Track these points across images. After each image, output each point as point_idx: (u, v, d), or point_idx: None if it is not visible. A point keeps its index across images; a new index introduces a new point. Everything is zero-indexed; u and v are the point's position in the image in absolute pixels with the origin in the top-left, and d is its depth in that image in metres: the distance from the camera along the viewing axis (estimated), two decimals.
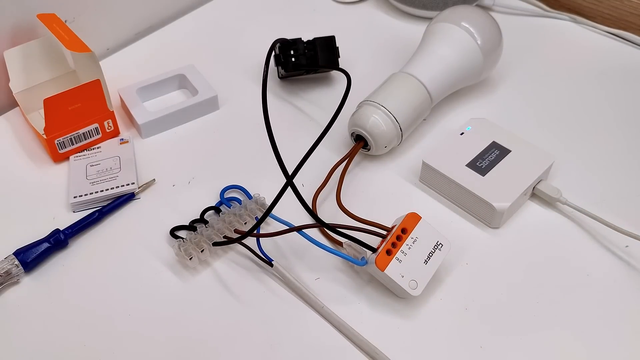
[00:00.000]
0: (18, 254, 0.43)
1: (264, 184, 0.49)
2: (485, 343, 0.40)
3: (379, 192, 0.49)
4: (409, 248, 0.41)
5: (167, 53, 0.63)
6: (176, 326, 0.41)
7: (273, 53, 0.55)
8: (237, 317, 0.41)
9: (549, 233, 0.46)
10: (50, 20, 0.52)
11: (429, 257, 0.41)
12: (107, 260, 0.45)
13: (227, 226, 0.45)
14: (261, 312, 0.41)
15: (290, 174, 0.40)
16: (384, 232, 0.42)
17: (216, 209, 0.47)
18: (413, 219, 0.42)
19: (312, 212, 0.40)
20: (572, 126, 0.55)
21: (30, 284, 0.43)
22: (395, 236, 0.41)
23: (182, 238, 0.44)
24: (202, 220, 0.46)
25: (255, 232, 0.42)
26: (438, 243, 0.42)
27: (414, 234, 0.41)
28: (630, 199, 0.49)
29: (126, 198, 0.48)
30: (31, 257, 0.43)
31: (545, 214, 0.48)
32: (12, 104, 0.56)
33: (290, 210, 0.45)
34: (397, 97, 0.50)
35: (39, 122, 0.53)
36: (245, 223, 0.46)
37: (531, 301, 0.42)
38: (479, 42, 0.53)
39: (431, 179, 0.49)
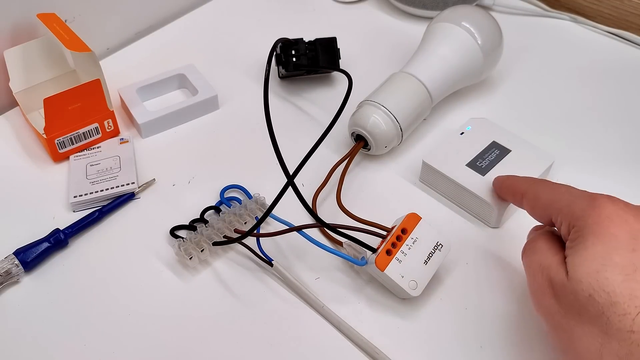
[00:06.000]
0: (18, 253, 0.43)
1: (264, 183, 0.49)
2: (485, 343, 0.40)
3: (379, 192, 0.49)
4: (409, 248, 0.41)
5: (167, 53, 0.63)
6: (176, 326, 0.41)
7: (274, 53, 0.54)
8: (237, 317, 0.41)
9: None
10: (50, 20, 0.52)
11: (429, 258, 0.41)
12: (107, 260, 0.45)
13: (227, 226, 0.45)
14: (261, 311, 0.41)
15: (291, 174, 0.40)
16: (384, 233, 0.42)
17: (216, 208, 0.47)
18: (413, 219, 0.42)
19: (312, 212, 0.40)
20: (572, 126, 0.55)
21: (30, 283, 0.43)
22: (395, 236, 0.41)
23: (182, 238, 0.44)
24: (202, 219, 0.46)
25: (255, 231, 0.42)
26: (438, 243, 0.42)
27: (414, 234, 0.41)
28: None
29: (126, 198, 0.48)
30: (31, 256, 0.43)
31: None
32: (12, 103, 0.56)
33: (290, 210, 0.44)
34: (398, 97, 0.50)
35: (39, 121, 0.53)
36: (245, 223, 0.46)
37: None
38: (479, 41, 0.53)
39: (431, 178, 0.49)
